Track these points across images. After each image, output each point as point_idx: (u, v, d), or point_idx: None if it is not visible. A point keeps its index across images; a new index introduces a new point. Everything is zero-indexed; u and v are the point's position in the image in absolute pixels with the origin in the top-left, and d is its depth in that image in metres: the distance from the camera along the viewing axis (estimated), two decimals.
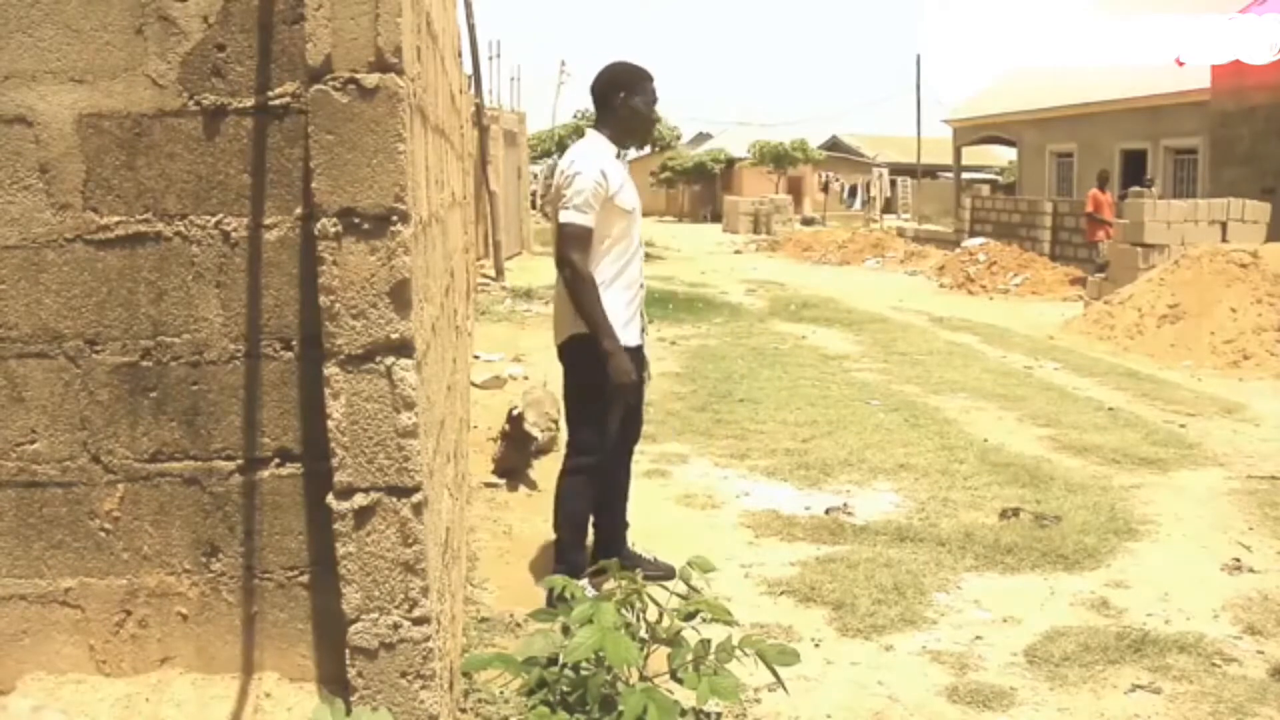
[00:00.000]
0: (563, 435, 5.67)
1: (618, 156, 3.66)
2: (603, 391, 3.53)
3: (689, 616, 2.28)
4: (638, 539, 4.13)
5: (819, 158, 42.14)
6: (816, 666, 3.21)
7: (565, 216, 3.47)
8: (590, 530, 3.86)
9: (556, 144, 36.21)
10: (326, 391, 2.01)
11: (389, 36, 1.94)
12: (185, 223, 2.19)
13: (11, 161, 2.16)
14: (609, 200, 3.48)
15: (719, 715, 2.81)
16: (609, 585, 2.34)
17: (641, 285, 3.70)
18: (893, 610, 3.62)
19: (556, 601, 2.42)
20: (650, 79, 3.67)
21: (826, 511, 4.72)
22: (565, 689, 2.13)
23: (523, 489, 4.99)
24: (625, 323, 3.58)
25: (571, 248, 3.47)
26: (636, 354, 3.66)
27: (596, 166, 3.48)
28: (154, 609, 2.26)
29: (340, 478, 2.02)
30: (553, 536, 3.84)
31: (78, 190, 2.18)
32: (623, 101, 3.62)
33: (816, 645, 3.37)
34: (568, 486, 3.72)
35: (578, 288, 3.47)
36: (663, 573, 3.58)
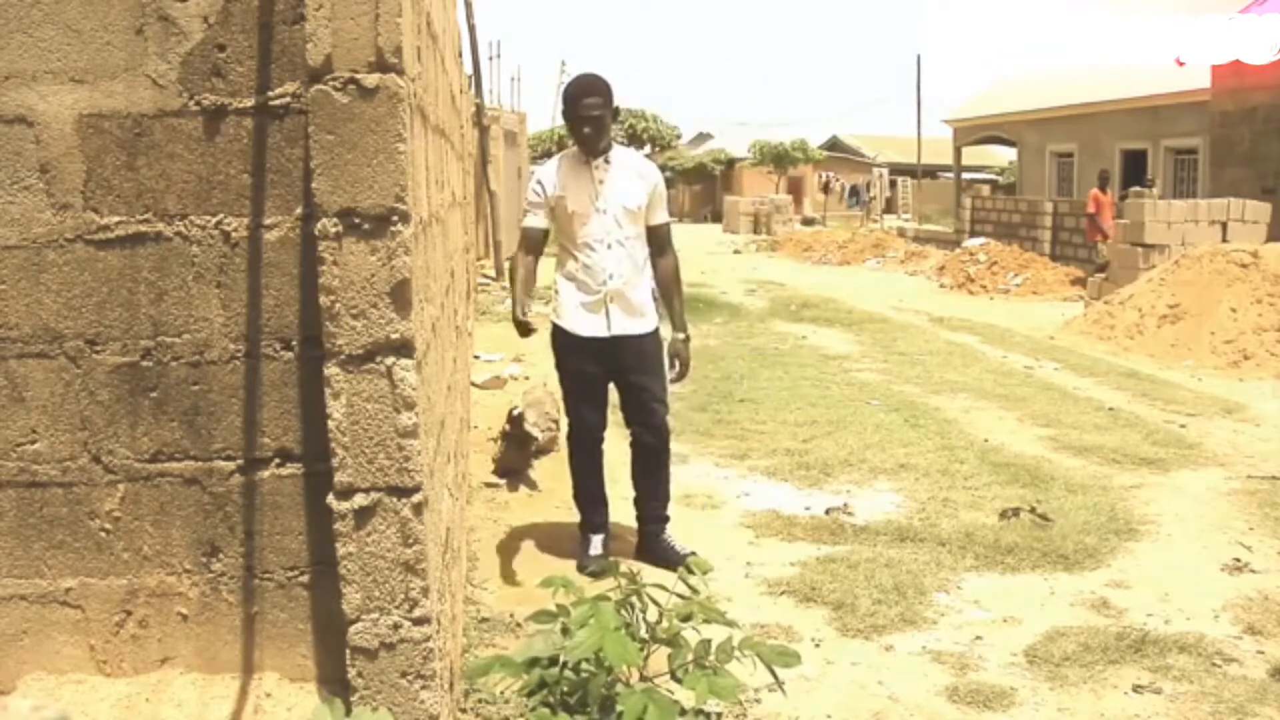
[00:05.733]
0: (563, 435, 5.70)
1: (587, 163, 3.92)
2: (560, 371, 4.08)
3: (687, 617, 2.28)
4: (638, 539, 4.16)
5: (819, 158, 42.15)
6: (816, 666, 3.21)
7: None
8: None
9: (556, 144, 36.24)
10: (327, 391, 2.01)
11: (389, 37, 1.94)
12: (185, 223, 2.19)
13: (12, 161, 2.16)
14: (554, 205, 3.92)
15: (719, 715, 2.81)
16: (609, 585, 2.34)
17: (608, 282, 3.91)
18: (893, 610, 3.61)
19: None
20: (571, 96, 3.90)
21: (826, 511, 4.72)
22: (565, 690, 2.13)
23: (523, 489, 4.99)
24: (573, 313, 3.96)
25: (517, 245, 4.15)
26: (596, 345, 3.94)
27: (536, 178, 4.02)
28: (154, 609, 2.26)
29: (340, 478, 2.02)
30: (552, 538, 3.92)
31: (78, 190, 2.18)
32: (564, 114, 4.00)
33: (816, 645, 3.37)
34: (568, 453, 4.27)
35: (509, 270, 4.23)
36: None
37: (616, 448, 4.27)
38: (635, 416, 4.07)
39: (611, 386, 4.07)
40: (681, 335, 4.10)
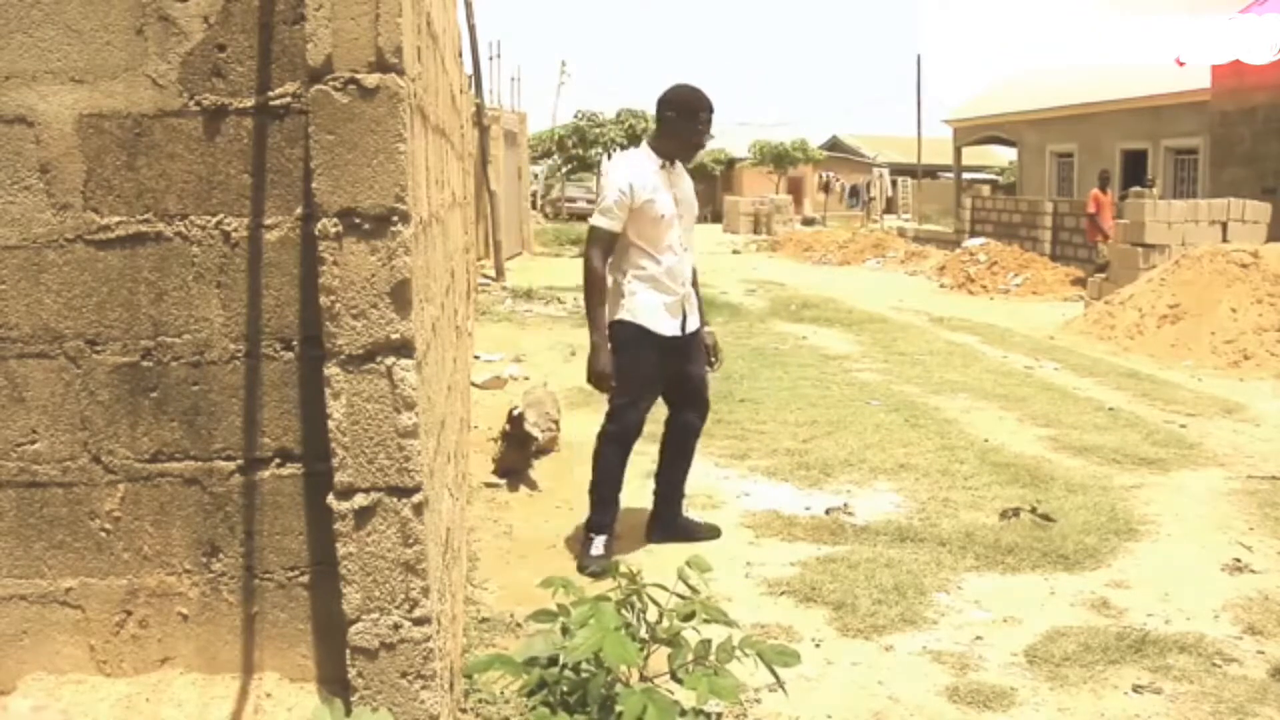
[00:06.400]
0: (563, 435, 5.70)
1: (663, 167, 4.00)
2: (625, 370, 3.95)
3: (687, 617, 2.28)
4: (637, 538, 4.15)
5: (819, 158, 42.15)
6: (816, 666, 3.21)
7: (591, 219, 3.99)
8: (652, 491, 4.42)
9: (556, 144, 36.22)
10: (327, 391, 2.01)
11: (389, 37, 1.94)
12: (186, 223, 2.19)
13: (12, 161, 2.16)
14: (638, 207, 3.89)
15: (719, 715, 2.81)
16: (609, 585, 2.34)
17: (684, 284, 4.10)
18: (893, 610, 3.61)
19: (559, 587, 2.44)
20: (703, 109, 4.00)
21: (827, 511, 4.72)
22: (565, 690, 2.13)
23: (523, 489, 4.99)
24: (655, 314, 4.00)
25: (591, 247, 3.97)
26: (673, 343, 4.06)
27: (625, 178, 3.92)
28: (154, 609, 2.26)
29: (341, 478, 2.02)
30: (552, 538, 3.91)
31: (78, 190, 2.18)
32: (671, 121, 4.01)
33: (817, 645, 3.37)
34: (597, 449, 4.15)
35: (586, 282, 3.97)
36: (712, 534, 4.34)
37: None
38: (689, 402, 4.27)
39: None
40: (709, 328, 4.34)
